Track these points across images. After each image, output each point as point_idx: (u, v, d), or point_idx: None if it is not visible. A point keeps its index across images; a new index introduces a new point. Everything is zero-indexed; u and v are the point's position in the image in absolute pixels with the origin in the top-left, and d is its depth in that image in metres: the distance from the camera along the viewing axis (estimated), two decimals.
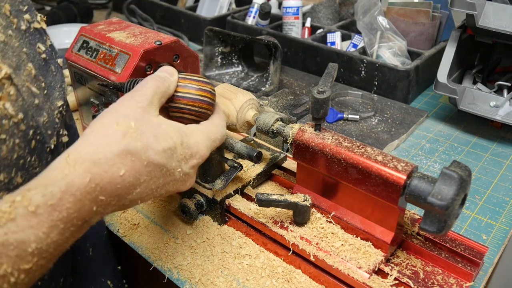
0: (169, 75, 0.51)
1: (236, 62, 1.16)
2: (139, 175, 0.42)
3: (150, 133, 0.44)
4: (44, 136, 0.46)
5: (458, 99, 0.91)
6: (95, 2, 1.76)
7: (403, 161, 0.54)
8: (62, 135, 0.52)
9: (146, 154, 0.43)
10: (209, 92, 0.54)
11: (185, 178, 0.48)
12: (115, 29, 0.81)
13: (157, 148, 0.44)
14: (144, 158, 0.42)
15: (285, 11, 1.26)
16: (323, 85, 0.61)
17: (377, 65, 1.05)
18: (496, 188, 0.79)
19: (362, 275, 0.55)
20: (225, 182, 0.65)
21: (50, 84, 0.49)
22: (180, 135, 0.47)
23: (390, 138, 0.90)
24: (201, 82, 0.53)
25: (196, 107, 0.53)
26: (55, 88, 0.50)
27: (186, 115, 0.53)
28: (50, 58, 0.51)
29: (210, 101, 0.54)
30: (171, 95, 0.51)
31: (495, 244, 0.67)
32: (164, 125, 0.46)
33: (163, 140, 0.45)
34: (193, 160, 0.48)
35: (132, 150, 0.42)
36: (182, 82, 0.52)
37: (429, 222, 0.49)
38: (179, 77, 0.53)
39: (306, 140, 0.60)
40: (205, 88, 0.53)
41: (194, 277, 0.61)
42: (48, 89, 0.49)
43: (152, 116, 0.46)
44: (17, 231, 0.35)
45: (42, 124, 0.46)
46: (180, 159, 0.47)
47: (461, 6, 0.85)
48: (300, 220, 0.62)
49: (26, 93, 0.43)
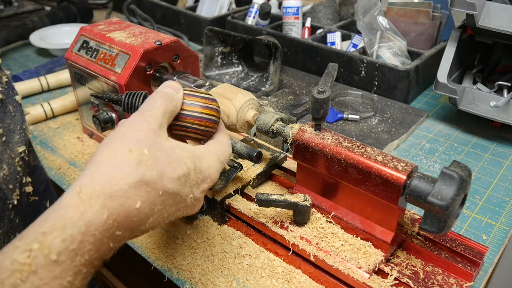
0: (175, 92, 0.48)
1: (236, 62, 1.16)
2: (153, 205, 0.40)
3: (164, 160, 0.41)
4: (5, 193, 0.42)
5: (458, 99, 0.91)
6: (95, 2, 1.76)
7: (403, 161, 0.54)
8: (26, 184, 0.48)
9: (162, 183, 0.40)
10: (215, 110, 0.51)
11: (195, 203, 0.46)
12: (115, 29, 0.81)
13: (172, 176, 0.41)
14: (159, 187, 0.40)
15: (285, 11, 1.26)
16: (323, 85, 0.61)
17: (377, 65, 1.05)
18: (496, 188, 0.79)
19: (362, 275, 0.55)
20: (225, 182, 0.65)
21: (8, 127, 0.45)
22: (194, 159, 0.45)
23: (390, 138, 0.90)
24: (207, 99, 0.50)
25: (203, 126, 0.50)
26: (14, 131, 0.46)
27: (191, 134, 0.51)
28: (7, 97, 0.47)
29: (215, 120, 0.51)
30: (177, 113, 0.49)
31: (495, 244, 0.67)
32: (177, 149, 0.43)
33: (178, 167, 0.42)
34: (205, 184, 0.47)
35: (148, 180, 0.39)
36: (187, 99, 0.49)
37: (429, 222, 0.49)
38: (184, 93, 0.50)
39: (306, 140, 0.60)
40: (211, 106, 0.50)
41: (194, 277, 0.61)
42: (7, 134, 0.45)
43: (164, 140, 0.43)
44: (41, 284, 0.32)
45: (1, 180, 0.42)
46: (193, 184, 0.44)
47: (461, 6, 0.85)
48: (300, 220, 0.62)
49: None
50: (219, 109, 0.53)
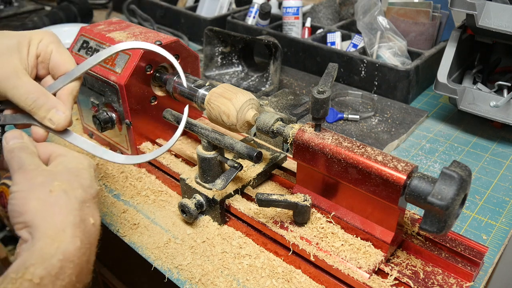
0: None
1: (236, 62, 1.16)
2: (97, 211, 0.48)
3: (73, 176, 0.47)
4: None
5: (458, 99, 0.91)
6: (95, 2, 1.76)
7: (403, 161, 0.54)
8: None
9: (89, 193, 0.47)
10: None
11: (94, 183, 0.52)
12: (115, 29, 0.81)
13: (87, 183, 0.48)
14: (90, 197, 0.47)
15: (285, 11, 1.26)
16: (323, 85, 0.60)
17: (377, 65, 1.05)
18: (496, 188, 0.79)
19: (362, 275, 0.55)
20: (225, 182, 0.65)
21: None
22: (77, 161, 0.50)
23: (390, 138, 0.90)
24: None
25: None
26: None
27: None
28: None
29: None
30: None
31: (495, 244, 0.67)
32: (65, 163, 0.49)
33: (83, 174, 0.49)
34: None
35: (81, 199, 0.45)
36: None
37: (429, 222, 0.49)
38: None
39: (306, 140, 0.60)
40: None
41: (194, 277, 0.61)
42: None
43: (45, 171, 0.48)
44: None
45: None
46: (95, 176, 0.51)
47: (461, 6, 0.85)
48: (300, 220, 0.62)
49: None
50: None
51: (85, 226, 0.44)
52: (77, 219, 0.43)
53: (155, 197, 0.76)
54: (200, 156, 0.66)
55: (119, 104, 0.75)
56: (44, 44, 0.56)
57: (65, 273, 0.40)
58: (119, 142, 0.83)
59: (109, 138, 0.85)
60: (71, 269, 0.41)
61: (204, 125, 0.67)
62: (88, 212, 0.46)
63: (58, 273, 0.40)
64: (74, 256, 0.41)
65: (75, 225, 0.43)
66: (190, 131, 0.68)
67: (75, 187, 0.46)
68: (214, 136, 0.65)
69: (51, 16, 1.45)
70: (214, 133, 0.65)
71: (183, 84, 0.66)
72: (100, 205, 0.75)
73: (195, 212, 0.67)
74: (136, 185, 0.78)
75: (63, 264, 0.40)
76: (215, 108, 0.65)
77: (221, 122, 0.66)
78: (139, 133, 0.79)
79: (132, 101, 0.74)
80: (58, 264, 0.40)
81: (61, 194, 0.44)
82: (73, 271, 0.41)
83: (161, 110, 0.73)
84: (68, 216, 0.43)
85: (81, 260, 0.42)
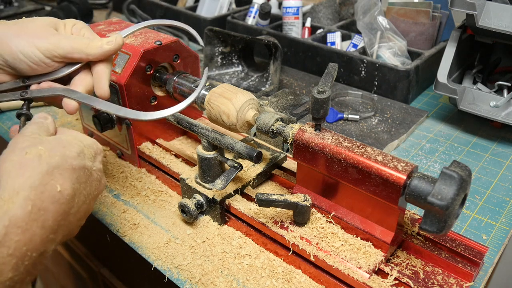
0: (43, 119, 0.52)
1: (236, 62, 1.16)
2: (72, 183, 0.45)
3: (59, 146, 0.46)
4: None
5: (458, 99, 0.91)
6: (95, 2, 1.76)
7: (403, 161, 0.54)
8: None
9: (68, 163, 0.45)
10: None
11: (100, 175, 0.52)
12: (115, 29, 0.81)
13: (72, 154, 0.47)
14: (68, 167, 0.45)
15: (285, 11, 1.26)
16: (323, 85, 0.60)
17: (377, 65, 1.05)
18: (496, 188, 0.79)
19: (362, 275, 0.55)
20: (225, 182, 0.65)
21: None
22: (77, 140, 0.50)
23: (390, 138, 0.90)
24: None
25: None
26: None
27: None
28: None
29: None
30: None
31: (495, 244, 0.67)
32: (62, 136, 0.49)
33: (72, 147, 0.47)
34: (98, 156, 0.52)
35: (55, 165, 0.44)
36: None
37: (429, 222, 0.49)
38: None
39: (306, 140, 0.60)
40: None
41: (194, 277, 0.61)
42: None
43: (46, 137, 0.48)
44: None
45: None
46: (90, 157, 0.50)
47: (461, 6, 0.85)
48: (300, 220, 0.62)
49: None
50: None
51: (45, 190, 0.42)
52: (36, 182, 0.41)
53: (155, 197, 0.76)
54: (200, 156, 0.66)
55: (119, 104, 0.75)
56: (77, 28, 0.59)
57: (11, 240, 0.38)
58: (119, 142, 0.83)
59: (109, 138, 0.85)
60: (18, 235, 0.38)
61: (204, 125, 0.67)
62: (58, 179, 0.43)
63: (3, 240, 0.37)
64: (22, 221, 0.39)
65: (31, 188, 0.41)
66: (190, 131, 0.68)
67: (53, 155, 0.44)
68: (214, 136, 0.65)
69: (51, 16, 1.45)
70: (214, 133, 0.65)
71: (199, 43, 0.69)
72: (100, 205, 0.75)
73: (195, 212, 0.67)
74: (136, 185, 0.78)
75: (8, 230, 0.38)
76: (215, 108, 0.65)
77: (221, 122, 0.66)
78: (139, 133, 0.79)
79: (132, 101, 0.74)
80: (3, 230, 0.38)
81: (34, 158, 0.43)
82: (21, 238, 0.39)
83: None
84: (29, 179, 0.41)
85: (31, 226, 0.39)
